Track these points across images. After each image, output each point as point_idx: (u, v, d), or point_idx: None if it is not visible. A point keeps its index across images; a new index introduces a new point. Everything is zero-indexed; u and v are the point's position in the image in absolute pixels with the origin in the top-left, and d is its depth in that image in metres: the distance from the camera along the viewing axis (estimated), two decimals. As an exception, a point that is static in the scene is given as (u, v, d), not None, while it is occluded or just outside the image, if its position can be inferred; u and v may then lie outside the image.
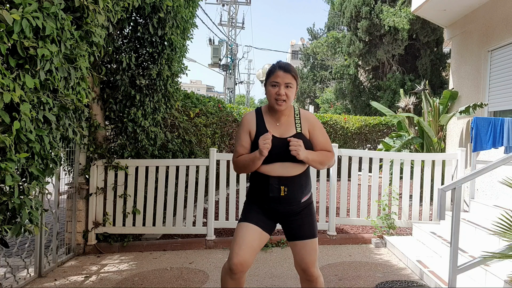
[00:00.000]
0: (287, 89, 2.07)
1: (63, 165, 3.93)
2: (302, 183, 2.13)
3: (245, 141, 2.15)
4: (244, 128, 2.17)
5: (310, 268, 2.13)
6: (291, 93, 2.08)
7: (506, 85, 4.79)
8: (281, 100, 2.06)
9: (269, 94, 2.10)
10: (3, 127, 1.87)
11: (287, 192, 2.07)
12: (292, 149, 1.98)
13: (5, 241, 2.09)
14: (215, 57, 20.06)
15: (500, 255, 2.48)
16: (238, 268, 2.02)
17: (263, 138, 1.98)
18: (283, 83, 2.06)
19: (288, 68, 2.09)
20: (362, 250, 4.33)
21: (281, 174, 2.06)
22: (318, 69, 21.96)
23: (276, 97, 2.06)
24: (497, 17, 4.98)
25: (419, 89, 7.53)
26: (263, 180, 2.10)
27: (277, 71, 2.07)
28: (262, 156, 1.99)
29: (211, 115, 6.06)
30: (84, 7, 2.35)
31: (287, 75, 2.06)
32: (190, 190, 4.48)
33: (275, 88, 2.07)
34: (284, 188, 2.06)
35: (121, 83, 4.04)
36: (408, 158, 4.82)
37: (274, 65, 2.12)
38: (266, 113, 2.19)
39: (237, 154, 2.16)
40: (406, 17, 11.62)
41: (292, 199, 2.10)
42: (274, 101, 2.08)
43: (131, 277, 3.50)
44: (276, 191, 2.06)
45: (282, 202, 2.09)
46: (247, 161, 2.09)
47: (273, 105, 2.10)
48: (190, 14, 4.65)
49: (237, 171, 2.20)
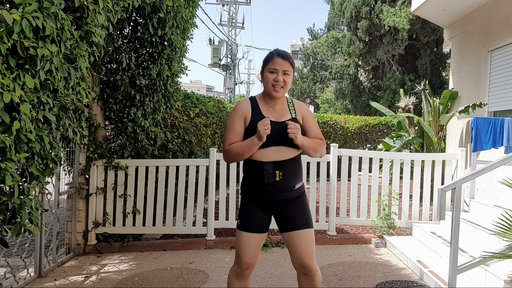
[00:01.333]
0: (284, 76, 2.08)
1: (63, 165, 3.93)
2: (295, 167, 2.13)
3: (239, 128, 2.11)
4: (239, 114, 2.13)
5: (307, 261, 2.08)
6: (289, 80, 2.10)
7: (506, 85, 4.79)
8: (278, 86, 2.07)
9: (266, 81, 2.10)
10: (3, 127, 1.87)
11: (282, 177, 2.06)
12: (290, 132, 2.00)
13: (5, 241, 2.09)
14: (215, 57, 20.07)
15: (500, 255, 2.48)
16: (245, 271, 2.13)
17: (262, 123, 1.97)
18: (281, 70, 2.07)
19: (286, 55, 2.11)
20: (362, 250, 4.33)
21: (276, 159, 2.06)
22: (318, 69, 21.95)
23: (274, 83, 2.07)
24: (497, 17, 4.98)
25: (419, 89, 7.53)
26: (257, 167, 2.08)
27: (275, 58, 2.08)
28: (260, 142, 1.99)
29: (211, 115, 6.06)
30: (84, 7, 2.35)
31: (285, 62, 2.08)
32: (190, 190, 4.48)
33: (273, 74, 2.08)
34: (279, 172, 2.06)
35: (121, 83, 4.04)
36: (408, 158, 4.82)
37: (272, 52, 2.13)
38: (261, 100, 2.19)
39: (229, 142, 2.10)
40: (406, 17, 11.61)
41: (287, 184, 2.09)
42: (271, 87, 2.09)
43: (131, 277, 3.50)
44: (271, 176, 2.05)
45: (277, 187, 2.08)
46: (242, 148, 2.04)
47: (270, 91, 2.10)
48: (190, 14, 4.65)
49: (228, 160, 2.14)
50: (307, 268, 2.10)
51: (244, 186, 2.21)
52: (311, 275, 2.11)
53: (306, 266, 2.09)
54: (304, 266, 2.10)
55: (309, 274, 2.11)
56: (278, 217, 2.17)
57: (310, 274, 2.11)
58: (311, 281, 2.11)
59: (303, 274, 2.13)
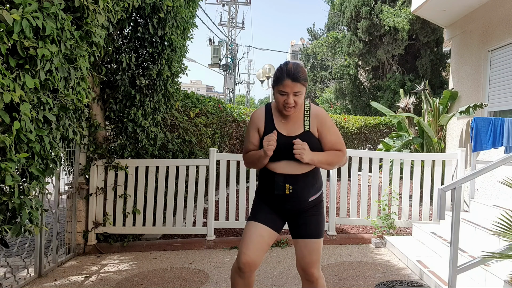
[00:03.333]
0: (295, 97, 2.00)
1: (63, 165, 3.93)
2: (309, 182, 2.09)
3: (254, 138, 2.15)
4: (253, 125, 2.16)
5: (309, 268, 2.10)
6: (300, 99, 2.02)
7: (506, 85, 4.79)
8: (289, 107, 2.01)
9: (277, 101, 2.04)
10: (3, 127, 1.87)
11: (292, 191, 2.05)
12: (296, 153, 1.95)
13: (5, 241, 2.09)
14: (215, 57, 20.06)
15: (500, 255, 2.48)
16: (246, 267, 2.05)
17: (267, 139, 1.96)
18: (291, 93, 1.98)
19: (297, 76, 1.97)
20: (362, 250, 4.33)
21: (287, 172, 2.05)
22: (318, 69, 21.95)
23: (285, 104, 2.01)
24: (497, 17, 4.98)
25: (419, 89, 7.53)
26: (269, 177, 2.10)
27: (285, 80, 1.96)
28: (267, 156, 2.00)
29: (211, 115, 6.07)
30: (84, 7, 2.35)
31: (296, 85, 1.97)
32: (190, 190, 4.48)
33: (283, 96, 2.01)
34: (289, 186, 2.04)
35: (121, 83, 4.04)
36: (408, 158, 4.82)
37: (282, 72, 1.99)
38: (275, 110, 2.16)
39: (246, 150, 2.19)
40: (406, 17, 11.62)
41: (298, 198, 2.07)
42: (282, 107, 2.04)
43: (131, 277, 3.50)
44: (281, 189, 2.05)
45: (287, 200, 2.08)
46: (255, 158, 2.10)
47: (281, 110, 2.07)
48: (190, 14, 4.65)
49: (247, 166, 2.22)
50: (308, 275, 2.12)
51: (258, 192, 2.23)
52: (313, 281, 2.14)
53: (307, 272, 2.12)
54: (306, 272, 2.12)
55: (311, 280, 2.14)
56: (291, 224, 2.18)
57: (312, 281, 2.14)
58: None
59: (305, 279, 2.16)
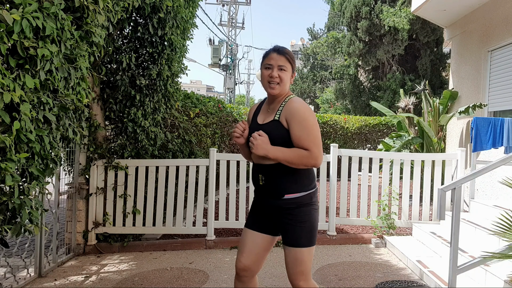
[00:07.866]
0: (280, 72, 1.96)
1: (63, 165, 3.93)
2: (283, 174, 1.94)
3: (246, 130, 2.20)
4: (247, 117, 2.25)
5: (294, 281, 1.95)
6: (285, 76, 1.98)
7: (506, 85, 4.79)
8: (274, 82, 1.96)
9: (262, 77, 2.01)
10: (3, 127, 1.87)
11: (264, 181, 1.98)
12: (250, 144, 1.93)
13: (5, 241, 2.09)
14: (215, 57, 20.07)
15: (500, 255, 2.48)
16: (242, 273, 2.05)
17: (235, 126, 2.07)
18: (276, 65, 1.96)
19: (283, 50, 2.00)
20: (362, 250, 4.33)
21: (260, 162, 2.01)
22: (318, 69, 21.96)
23: (269, 79, 1.97)
24: (497, 17, 4.98)
25: (419, 89, 7.54)
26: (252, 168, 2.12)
27: (271, 53, 1.99)
28: (238, 144, 2.12)
29: (211, 115, 6.07)
30: (84, 7, 2.35)
31: (281, 57, 1.97)
32: (190, 190, 4.48)
33: (268, 70, 1.98)
34: (261, 176, 1.99)
35: (121, 83, 4.04)
36: (408, 158, 4.82)
37: (270, 49, 2.05)
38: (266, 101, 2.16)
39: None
40: (406, 17, 11.61)
41: (272, 191, 1.96)
42: (267, 84, 1.99)
43: (131, 277, 3.50)
44: (256, 179, 2.03)
45: (263, 193, 2.01)
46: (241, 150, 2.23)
47: (266, 88, 2.01)
48: (190, 14, 4.65)
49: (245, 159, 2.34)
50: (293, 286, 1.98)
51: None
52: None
53: (292, 284, 1.98)
54: (291, 283, 1.99)
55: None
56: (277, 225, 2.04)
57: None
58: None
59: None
